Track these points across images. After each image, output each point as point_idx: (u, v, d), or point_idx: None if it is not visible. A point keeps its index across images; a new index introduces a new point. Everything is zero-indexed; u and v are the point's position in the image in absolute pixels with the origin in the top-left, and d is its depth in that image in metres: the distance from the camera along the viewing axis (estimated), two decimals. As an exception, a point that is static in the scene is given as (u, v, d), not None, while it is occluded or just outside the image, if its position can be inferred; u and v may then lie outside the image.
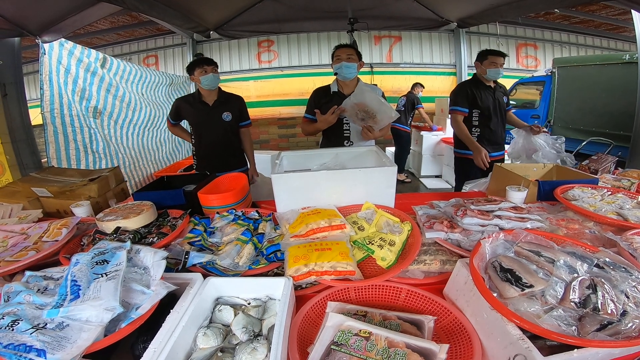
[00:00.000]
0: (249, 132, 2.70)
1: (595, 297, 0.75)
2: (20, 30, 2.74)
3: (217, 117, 2.47)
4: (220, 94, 2.54)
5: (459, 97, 2.69)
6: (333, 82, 2.37)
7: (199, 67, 2.36)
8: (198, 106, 2.47)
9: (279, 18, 5.18)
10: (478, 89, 2.67)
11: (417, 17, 5.42)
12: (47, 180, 1.88)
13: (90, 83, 3.47)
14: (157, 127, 4.80)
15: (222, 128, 2.49)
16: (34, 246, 1.22)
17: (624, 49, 6.79)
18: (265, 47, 6.87)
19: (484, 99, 2.66)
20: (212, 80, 2.39)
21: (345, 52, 2.22)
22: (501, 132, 2.80)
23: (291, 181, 1.43)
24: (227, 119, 2.49)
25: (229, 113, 2.50)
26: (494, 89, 2.71)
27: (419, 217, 1.34)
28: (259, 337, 0.85)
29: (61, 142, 3.09)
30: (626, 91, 3.51)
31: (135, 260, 0.95)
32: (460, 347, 0.83)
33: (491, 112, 2.67)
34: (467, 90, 2.68)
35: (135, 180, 4.22)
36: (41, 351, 0.68)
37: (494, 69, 2.57)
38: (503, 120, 2.79)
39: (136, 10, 3.36)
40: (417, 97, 5.53)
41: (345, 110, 2.14)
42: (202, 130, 2.50)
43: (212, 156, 2.54)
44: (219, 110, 2.48)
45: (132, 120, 4.24)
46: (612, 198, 1.45)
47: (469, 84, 2.74)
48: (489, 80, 2.68)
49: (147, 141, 4.63)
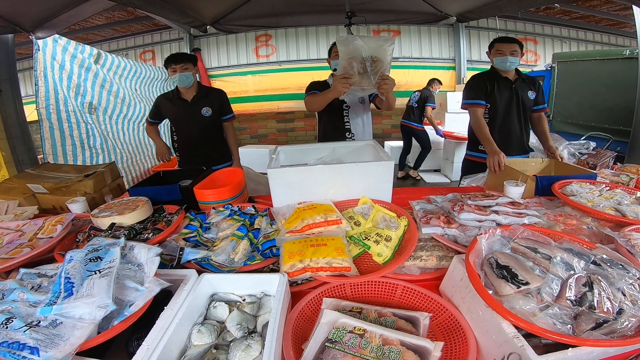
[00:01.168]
0: (232, 126, 2.66)
1: (591, 294, 0.74)
2: (14, 27, 2.72)
3: (196, 112, 2.44)
4: (199, 89, 2.49)
5: (474, 89, 2.34)
6: (329, 77, 2.34)
7: (169, 66, 2.33)
8: (177, 102, 2.45)
9: (277, 12, 5.13)
10: (493, 80, 2.32)
11: (416, 11, 5.36)
12: (42, 176, 1.87)
13: (85, 79, 3.46)
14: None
15: (202, 123, 2.46)
16: (29, 243, 1.21)
17: (625, 44, 6.75)
18: (263, 41, 6.82)
19: (497, 91, 2.30)
20: (182, 80, 2.35)
21: None
22: (520, 131, 2.38)
23: (287, 176, 1.42)
24: (206, 114, 2.46)
25: (208, 108, 2.47)
26: (513, 81, 2.32)
27: (416, 212, 1.34)
28: (254, 334, 0.85)
29: (57, 138, 3.08)
30: (626, 87, 3.49)
31: (129, 256, 0.95)
32: (456, 344, 0.83)
33: (506, 107, 2.32)
34: (480, 81, 2.35)
35: (132, 176, 4.21)
36: (34, 349, 0.67)
37: (499, 57, 2.26)
38: (524, 118, 2.37)
39: (131, 6, 3.31)
40: (431, 94, 5.31)
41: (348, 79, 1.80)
42: (181, 126, 2.49)
43: (193, 152, 2.52)
44: (198, 106, 2.45)
45: (127, 116, 4.23)
46: (610, 193, 1.44)
47: (483, 75, 2.41)
48: (506, 72, 2.31)
49: (142, 136, 4.62)
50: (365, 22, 4.75)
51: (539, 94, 2.37)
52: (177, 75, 2.32)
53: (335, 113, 2.31)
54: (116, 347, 0.85)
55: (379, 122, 7.01)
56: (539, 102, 2.37)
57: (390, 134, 7.06)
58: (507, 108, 2.31)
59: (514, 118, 2.34)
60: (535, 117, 2.40)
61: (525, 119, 2.37)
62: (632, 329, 0.70)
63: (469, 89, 2.38)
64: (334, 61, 2.15)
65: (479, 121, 2.25)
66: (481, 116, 2.28)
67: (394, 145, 6.42)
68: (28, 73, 6.91)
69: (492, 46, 2.33)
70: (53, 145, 3.04)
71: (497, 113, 2.33)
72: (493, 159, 1.89)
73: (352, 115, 2.31)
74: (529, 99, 2.33)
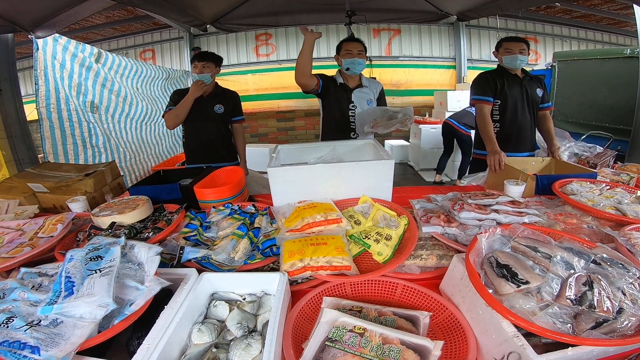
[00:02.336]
0: (241, 128, 2.68)
1: (591, 294, 0.74)
2: (13, 26, 2.71)
3: (209, 108, 2.47)
4: (216, 87, 2.54)
5: (482, 85, 2.33)
6: (337, 74, 2.37)
7: (193, 62, 2.39)
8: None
9: (276, 11, 5.13)
10: (502, 77, 2.33)
11: (416, 9, 5.36)
12: (43, 175, 1.87)
13: (86, 78, 3.45)
14: (154, 122, 4.78)
15: (213, 119, 2.49)
16: (29, 242, 1.21)
17: (625, 43, 6.73)
18: (263, 40, 6.81)
19: (507, 87, 2.30)
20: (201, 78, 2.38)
21: (356, 47, 2.22)
22: (531, 128, 2.40)
23: (287, 175, 1.42)
24: (218, 111, 2.49)
25: (221, 106, 2.49)
26: (521, 78, 2.34)
27: (416, 211, 1.34)
28: (254, 332, 0.85)
29: (58, 137, 3.07)
30: (626, 86, 3.49)
31: (130, 255, 0.95)
32: (456, 343, 0.83)
33: (517, 104, 2.32)
34: (489, 78, 2.34)
35: (135, 175, 4.21)
36: (35, 348, 0.67)
37: (509, 56, 2.27)
38: (533, 115, 2.38)
39: (131, 5, 3.31)
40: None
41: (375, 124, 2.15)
42: (192, 121, 2.49)
43: (203, 147, 2.53)
44: (211, 103, 2.48)
45: (129, 115, 4.22)
46: (610, 192, 1.44)
47: (491, 72, 2.40)
48: (514, 70, 2.34)
49: (145, 135, 4.61)
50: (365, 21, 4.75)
51: (545, 92, 2.39)
52: (198, 72, 2.37)
53: (340, 111, 2.33)
54: (117, 346, 0.85)
55: (380, 121, 7.00)
56: (545, 100, 2.39)
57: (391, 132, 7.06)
58: (518, 105, 2.33)
59: (526, 115, 2.35)
60: (541, 115, 2.42)
61: (534, 115, 2.38)
62: (632, 328, 0.70)
63: (477, 85, 2.38)
64: (345, 59, 2.23)
65: (485, 118, 2.26)
66: (488, 113, 2.28)
67: (395, 144, 6.43)
68: (28, 72, 6.90)
69: (500, 45, 2.35)
70: (54, 145, 3.03)
71: (508, 110, 2.33)
72: (493, 157, 1.90)
73: (358, 115, 2.31)
74: (537, 96, 2.35)
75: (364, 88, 2.36)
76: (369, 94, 2.38)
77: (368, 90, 2.38)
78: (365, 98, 2.35)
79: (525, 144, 2.39)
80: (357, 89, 2.33)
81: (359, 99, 2.33)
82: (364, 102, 2.34)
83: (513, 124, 2.36)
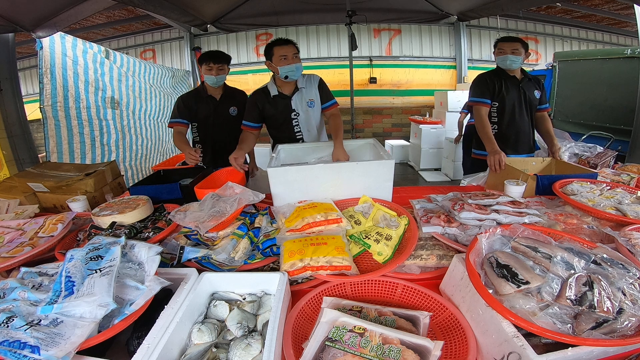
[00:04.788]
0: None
1: (591, 294, 0.74)
2: (14, 26, 2.72)
3: (224, 111, 2.46)
4: (225, 88, 2.51)
5: (480, 87, 2.34)
6: (270, 84, 2.18)
7: (205, 62, 2.30)
8: (206, 100, 2.43)
9: (277, 11, 5.14)
10: (500, 79, 2.33)
11: (416, 9, 5.36)
12: (43, 175, 1.87)
13: (102, 74, 3.45)
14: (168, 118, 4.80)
15: (229, 122, 2.47)
16: (29, 242, 1.21)
17: (626, 43, 6.73)
18: (263, 40, 6.80)
19: (505, 89, 2.31)
20: (218, 81, 2.37)
21: (291, 50, 2.01)
22: (529, 129, 2.40)
23: (288, 175, 1.42)
24: (233, 113, 2.48)
25: (235, 108, 2.48)
26: (520, 80, 2.34)
27: (416, 211, 1.34)
28: (254, 332, 0.85)
29: (64, 136, 3.06)
30: (627, 86, 3.49)
31: (130, 255, 0.95)
32: (456, 343, 0.83)
33: (515, 106, 2.33)
34: (487, 80, 2.35)
35: (143, 173, 4.21)
36: (35, 347, 0.68)
37: (501, 56, 2.28)
38: (531, 116, 2.39)
39: (131, 4, 3.31)
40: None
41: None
42: (208, 124, 2.47)
43: (219, 150, 2.50)
44: (225, 105, 2.46)
45: (147, 111, 4.23)
46: (611, 193, 1.44)
47: (489, 73, 2.40)
48: (512, 71, 2.33)
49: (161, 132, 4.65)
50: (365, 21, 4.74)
51: (543, 93, 2.39)
52: (214, 74, 2.31)
53: (285, 124, 2.21)
54: (117, 345, 0.85)
55: (380, 121, 7.00)
56: (542, 102, 2.39)
57: (391, 132, 7.05)
58: (515, 106, 2.33)
59: (523, 116, 2.35)
60: (539, 117, 2.41)
61: (532, 117, 2.39)
62: (632, 329, 0.70)
63: (475, 86, 2.38)
64: (281, 67, 2.00)
65: (482, 120, 2.24)
66: (485, 115, 2.27)
67: (395, 144, 6.42)
68: (29, 72, 6.92)
69: (496, 45, 2.35)
70: (58, 144, 3.01)
71: (506, 111, 2.33)
72: (494, 158, 1.88)
73: (303, 122, 2.22)
74: (535, 98, 2.35)
75: (301, 90, 2.18)
76: (308, 94, 2.20)
77: (306, 91, 2.20)
78: (305, 100, 2.20)
79: (523, 145, 2.39)
80: (294, 94, 2.17)
81: (299, 103, 2.19)
82: (304, 106, 2.20)
83: (511, 126, 2.36)
